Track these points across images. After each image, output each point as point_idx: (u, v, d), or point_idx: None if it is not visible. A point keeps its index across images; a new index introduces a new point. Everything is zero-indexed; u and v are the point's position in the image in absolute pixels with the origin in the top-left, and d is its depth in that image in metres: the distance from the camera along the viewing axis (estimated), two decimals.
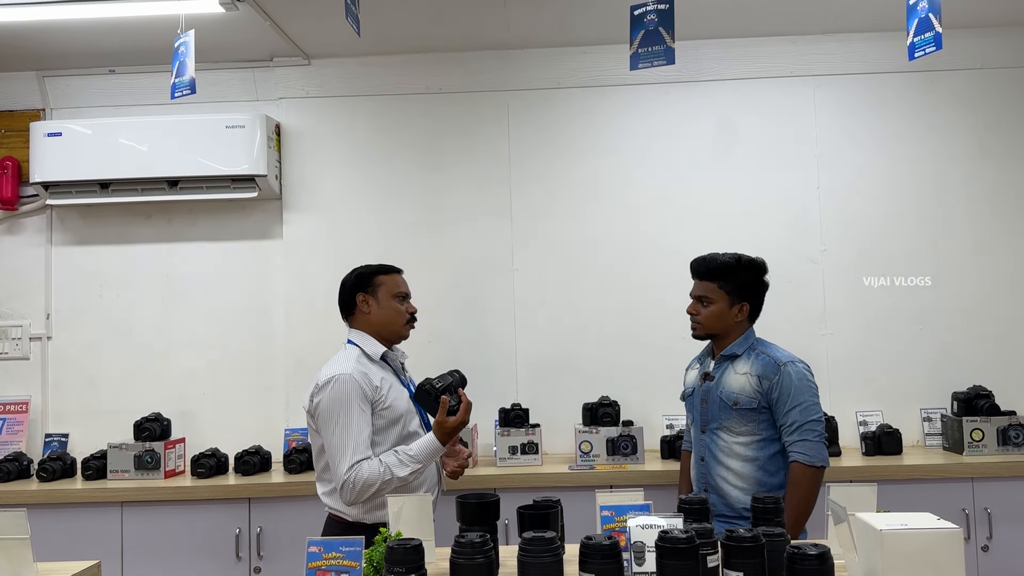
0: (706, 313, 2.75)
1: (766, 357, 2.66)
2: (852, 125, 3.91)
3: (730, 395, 2.65)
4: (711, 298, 2.74)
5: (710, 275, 2.75)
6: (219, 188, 3.85)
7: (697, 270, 2.80)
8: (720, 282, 2.73)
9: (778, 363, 2.62)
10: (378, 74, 4.00)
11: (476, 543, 1.72)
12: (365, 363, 2.59)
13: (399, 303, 2.71)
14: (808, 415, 2.58)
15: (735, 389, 2.65)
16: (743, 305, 2.73)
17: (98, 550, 3.26)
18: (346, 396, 2.49)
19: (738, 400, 2.63)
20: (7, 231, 4.09)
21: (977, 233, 3.86)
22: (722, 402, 2.67)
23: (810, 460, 2.55)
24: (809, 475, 2.55)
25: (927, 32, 2.25)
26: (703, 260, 2.80)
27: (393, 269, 2.77)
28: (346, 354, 2.62)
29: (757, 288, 2.77)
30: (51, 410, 4.02)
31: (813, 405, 2.60)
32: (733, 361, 2.72)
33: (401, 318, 2.71)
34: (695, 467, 2.77)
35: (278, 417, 3.92)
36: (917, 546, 1.61)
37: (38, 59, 3.95)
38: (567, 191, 3.96)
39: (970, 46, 3.84)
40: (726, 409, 2.66)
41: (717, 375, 2.73)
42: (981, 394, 3.55)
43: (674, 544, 1.64)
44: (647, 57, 2.60)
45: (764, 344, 2.75)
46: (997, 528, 3.28)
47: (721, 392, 2.68)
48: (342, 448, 2.46)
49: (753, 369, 2.65)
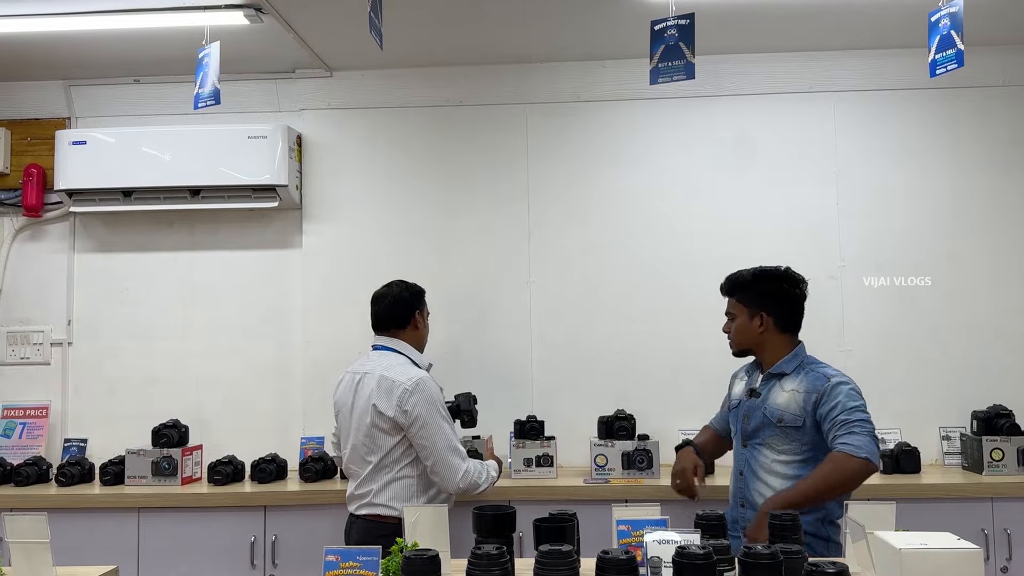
0: (733, 328, 2.82)
1: (815, 373, 2.64)
2: (871, 141, 3.90)
3: (775, 412, 2.63)
4: (734, 313, 2.82)
5: (729, 290, 2.84)
6: (240, 197, 3.88)
7: (721, 287, 2.88)
8: (739, 295, 2.80)
9: (828, 377, 2.61)
10: (399, 86, 4.03)
11: (493, 555, 1.72)
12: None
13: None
14: (854, 415, 2.51)
15: (780, 405, 2.63)
16: (762, 315, 2.74)
17: (115, 555, 3.26)
18: (435, 397, 2.84)
19: (783, 417, 2.61)
20: (31, 238, 4.14)
21: (997, 250, 3.83)
22: (766, 419, 2.65)
23: (855, 450, 2.44)
24: (850, 462, 2.44)
25: (949, 49, 2.25)
26: (729, 278, 2.87)
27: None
28: (400, 360, 2.94)
29: (779, 297, 2.75)
30: (71, 415, 4.05)
31: (862, 409, 2.54)
32: (781, 379, 2.69)
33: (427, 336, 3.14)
34: (733, 481, 2.79)
35: (295, 425, 3.93)
36: (936, 566, 1.59)
37: (64, 68, 4.00)
38: (585, 205, 3.97)
39: (992, 63, 3.82)
40: (770, 426, 2.64)
41: (764, 392, 2.71)
42: (1001, 413, 3.51)
43: (692, 560, 1.64)
44: (667, 72, 2.61)
45: (816, 362, 2.71)
46: (1017, 549, 3.24)
47: (766, 409, 2.66)
48: (451, 439, 2.82)
49: (801, 386, 2.62)
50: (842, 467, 2.46)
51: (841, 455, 2.46)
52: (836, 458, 2.47)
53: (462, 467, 2.81)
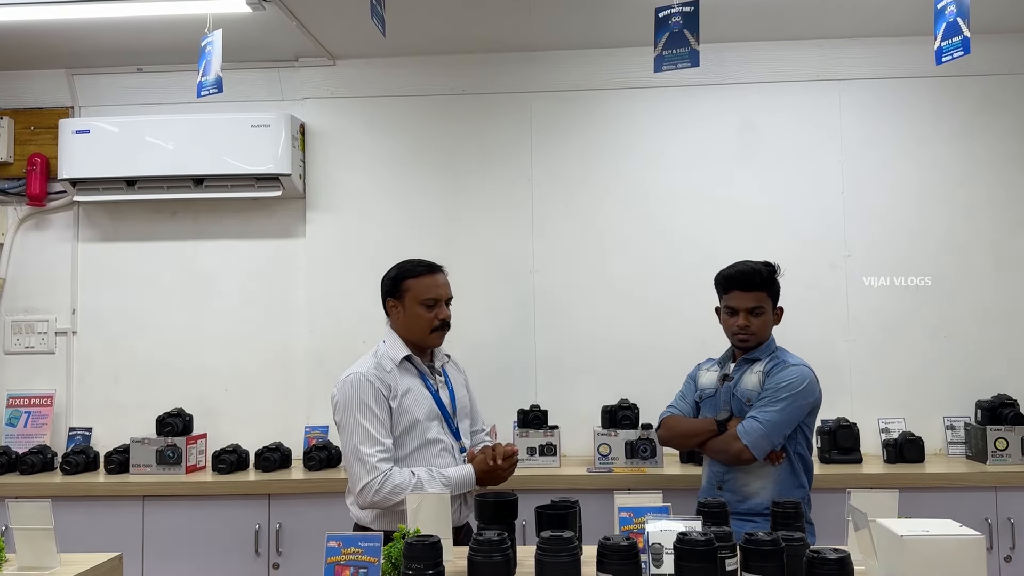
0: (759, 323, 2.76)
1: (777, 359, 2.75)
2: (877, 129, 3.88)
3: (744, 392, 2.73)
4: (764, 308, 2.77)
5: (763, 285, 2.77)
6: (244, 187, 3.88)
7: (748, 282, 2.77)
8: (768, 290, 2.78)
9: (786, 363, 2.71)
10: (402, 75, 4.02)
11: (494, 541, 1.73)
12: (387, 364, 2.58)
13: (426, 310, 2.61)
14: (772, 406, 2.62)
15: (749, 387, 2.73)
16: (779, 309, 2.82)
17: (119, 543, 3.27)
18: (357, 396, 2.49)
19: (751, 398, 2.70)
20: (35, 227, 4.15)
21: (1004, 239, 3.82)
22: (737, 400, 2.74)
23: (743, 435, 2.60)
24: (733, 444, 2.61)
25: (955, 36, 2.23)
26: (750, 271, 2.78)
27: (426, 271, 2.67)
28: (371, 352, 2.64)
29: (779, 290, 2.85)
30: (75, 404, 4.07)
31: (786, 406, 2.62)
32: (752, 364, 2.78)
33: (425, 326, 2.62)
34: (709, 465, 2.81)
35: (299, 414, 3.94)
36: (938, 553, 1.59)
37: (67, 57, 4.00)
38: (589, 193, 3.96)
39: (998, 51, 3.80)
40: (741, 407, 2.72)
41: (736, 376, 2.79)
42: (1006, 403, 3.50)
43: (692, 546, 1.64)
44: (671, 59, 2.60)
45: (783, 350, 2.82)
46: (1020, 539, 3.23)
47: (736, 390, 2.76)
48: (359, 446, 2.45)
49: (766, 367, 2.74)
50: (726, 446, 2.65)
51: (732, 435, 2.63)
52: (729, 435, 2.65)
53: (362, 480, 2.42)
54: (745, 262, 2.83)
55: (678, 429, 2.87)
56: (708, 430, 2.73)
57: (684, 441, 2.95)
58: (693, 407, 2.90)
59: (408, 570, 1.70)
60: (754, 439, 2.60)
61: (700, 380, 2.94)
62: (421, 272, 2.66)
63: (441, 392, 2.66)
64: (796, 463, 2.69)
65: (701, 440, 2.75)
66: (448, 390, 2.70)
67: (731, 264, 2.85)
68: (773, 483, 2.64)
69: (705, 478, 2.84)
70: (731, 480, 2.70)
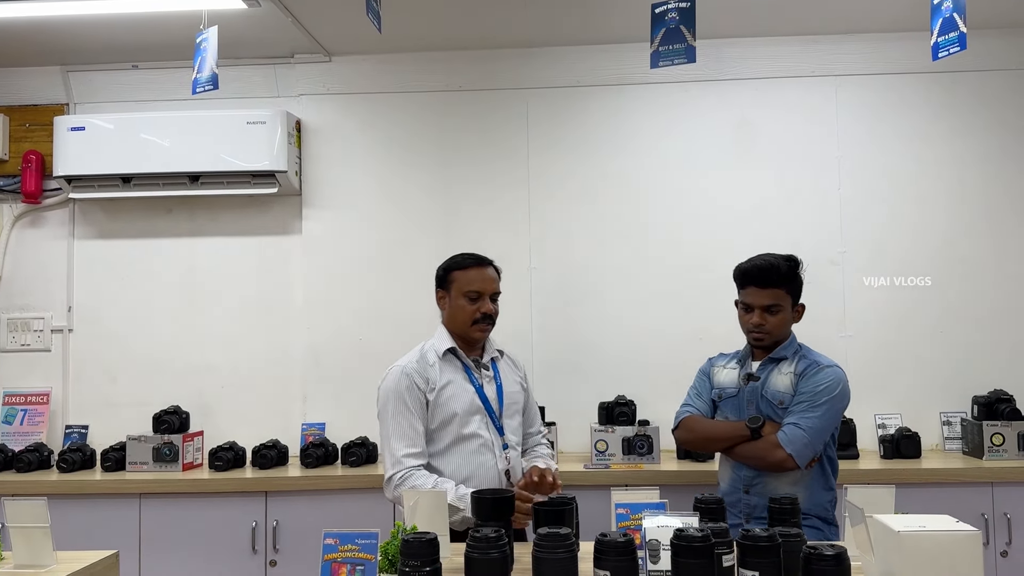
0: (775, 321, 2.64)
1: (808, 360, 2.63)
2: (874, 125, 3.88)
3: (776, 394, 2.60)
4: (780, 304, 2.64)
5: (780, 281, 2.63)
6: (240, 184, 3.87)
7: (764, 278, 2.64)
8: (788, 287, 2.64)
9: (820, 364, 2.61)
10: (398, 71, 4.01)
11: (491, 538, 1.73)
12: (430, 357, 2.60)
13: (468, 303, 2.60)
14: (813, 412, 2.52)
15: (781, 389, 2.60)
16: (800, 306, 2.71)
17: (116, 541, 3.27)
18: (393, 390, 2.54)
19: (784, 400, 2.58)
20: (30, 224, 4.14)
21: (999, 235, 3.82)
22: (768, 402, 2.61)
23: (786, 443, 2.48)
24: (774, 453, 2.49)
25: (951, 32, 2.23)
26: (768, 267, 2.64)
27: (474, 263, 2.66)
28: (419, 345, 2.67)
29: (801, 287, 2.72)
30: (71, 402, 4.06)
31: (827, 411, 2.52)
32: (779, 363, 2.66)
33: (467, 318, 2.60)
34: (734, 469, 2.68)
35: (296, 411, 3.94)
36: (935, 548, 1.59)
37: (62, 54, 3.99)
38: (585, 189, 3.96)
39: (995, 47, 3.80)
40: (772, 409, 2.60)
41: (763, 376, 2.66)
42: (1002, 398, 3.51)
43: (689, 543, 1.64)
44: (668, 55, 2.59)
45: (808, 349, 2.71)
46: (1017, 534, 3.24)
47: (767, 392, 2.62)
48: (390, 438, 2.51)
49: (796, 368, 2.62)
50: (765, 454, 2.53)
51: (773, 443, 2.51)
52: (768, 443, 2.53)
53: (387, 472, 2.49)
54: (765, 255, 2.68)
55: (702, 432, 2.72)
56: (740, 435, 2.59)
57: (709, 444, 2.81)
58: (710, 406, 2.77)
59: (405, 567, 1.70)
60: (798, 448, 2.48)
61: (717, 377, 2.80)
62: (468, 264, 2.67)
63: (486, 387, 2.64)
64: (826, 466, 2.61)
65: (730, 444, 2.62)
66: (496, 385, 2.67)
67: (751, 257, 2.71)
68: (804, 487, 2.54)
69: (727, 481, 2.71)
70: (760, 484, 2.58)
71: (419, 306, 3.92)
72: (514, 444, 2.66)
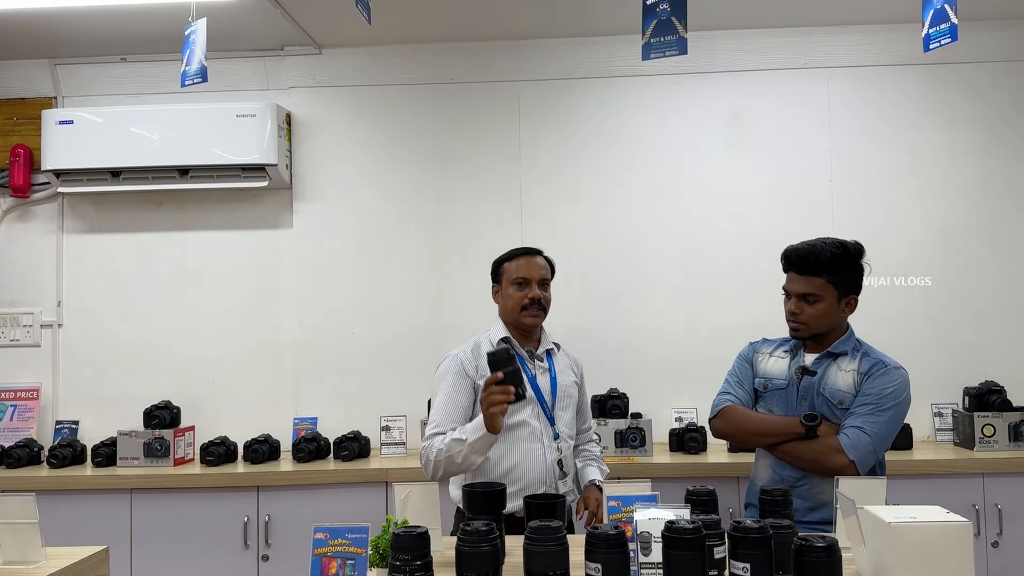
0: (813, 312, 2.46)
1: (872, 359, 2.46)
2: (866, 117, 3.88)
3: (835, 393, 2.44)
4: (819, 295, 2.45)
5: (818, 269, 2.45)
6: (230, 177, 3.85)
7: (800, 264, 2.48)
8: (829, 275, 2.45)
9: (887, 365, 2.44)
10: (389, 63, 3.99)
11: (482, 531, 1.72)
12: (485, 347, 2.64)
13: (516, 289, 2.69)
14: (879, 416, 2.36)
15: (841, 387, 2.44)
16: (852, 299, 2.50)
17: (107, 536, 3.27)
18: (444, 372, 2.62)
19: (844, 400, 2.42)
20: (19, 218, 4.11)
21: (991, 227, 3.83)
22: (826, 400, 2.45)
23: (849, 449, 2.32)
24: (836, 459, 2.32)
25: (943, 23, 2.22)
26: (807, 252, 2.48)
27: (521, 253, 2.76)
28: (476, 335, 2.74)
29: (861, 276, 2.52)
30: (61, 397, 4.04)
31: (893, 416, 2.37)
32: (837, 359, 2.49)
33: (516, 304, 2.67)
34: (775, 468, 2.51)
35: (287, 406, 3.92)
36: (926, 539, 1.59)
37: (50, 47, 3.95)
38: (578, 181, 3.95)
39: (986, 38, 3.80)
40: (830, 408, 2.44)
41: (820, 371, 2.48)
42: (993, 389, 3.52)
43: (680, 535, 1.63)
44: (659, 47, 2.57)
45: (870, 347, 2.53)
46: (1007, 524, 3.25)
47: (825, 390, 2.45)
48: (431, 419, 2.56)
49: (860, 367, 2.44)
50: (824, 457, 2.37)
51: (834, 447, 2.35)
52: (828, 446, 2.36)
53: (423, 446, 2.53)
54: (816, 240, 2.49)
55: (746, 425, 2.52)
56: (792, 432, 2.40)
57: (753, 439, 2.55)
58: (751, 395, 2.60)
59: (395, 561, 1.69)
60: (862, 455, 2.32)
61: (762, 366, 2.61)
62: (517, 254, 2.76)
63: (539, 378, 2.67)
64: (876, 471, 2.43)
65: (780, 441, 2.43)
66: (550, 377, 2.70)
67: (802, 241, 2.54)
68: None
69: (766, 479, 2.52)
70: (805, 487, 2.42)
71: (411, 299, 3.93)
72: (566, 436, 2.66)
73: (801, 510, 2.39)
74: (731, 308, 3.80)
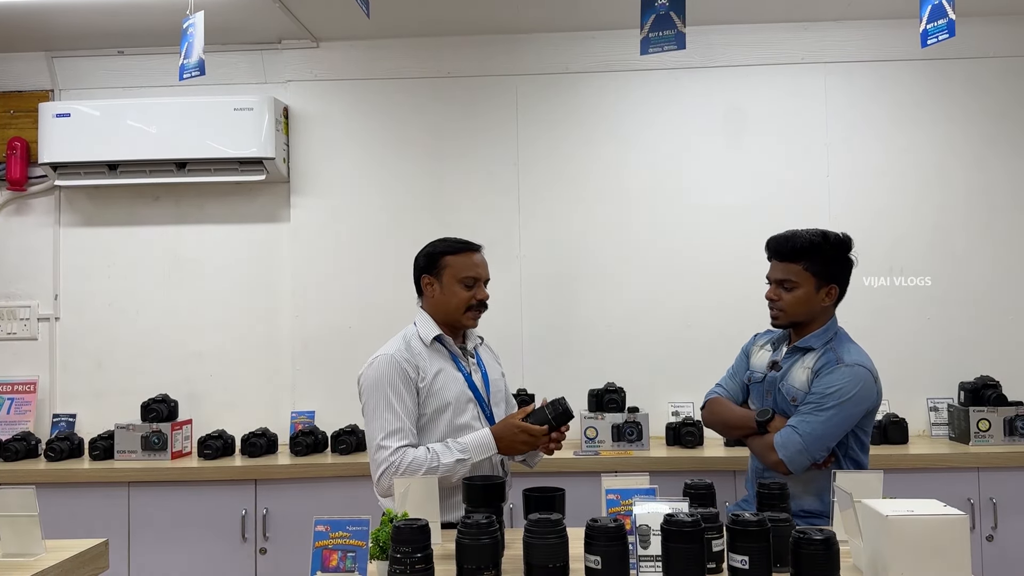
0: (790, 299, 2.49)
1: (832, 354, 2.45)
2: (863, 113, 3.88)
3: (791, 390, 2.47)
4: (796, 281, 2.48)
5: (794, 255, 2.48)
6: (227, 171, 3.84)
7: (778, 250, 2.53)
8: (805, 262, 2.48)
9: (840, 362, 2.42)
10: (387, 57, 3.99)
11: (482, 524, 1.73)
12: (416, 345, 2.50)
13: (463, 289, 2.52)
14: (816, 416, 2.36)
15: (796, 384, 2.47)
16: (831, 288, 2.51)
17: (105, 529, 3.28)
18: (382, 378, 2.41)
19: (797, 397, 2.45)
20: (16, 212, 4.10)
21: (988, 221, 3.84)
22: (782, 396, 2.49)
23: (779, 447, 2.36)
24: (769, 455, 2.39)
25: (940, 19, 2.23)
26: (785, 239, 2.52)
27: (466, 248, 2.58)
28: (401, 334, 2.55)
29: (845, 267, 2.53)
30: (59, 390, 4.04)
31: (832, 416, 2.35)
32: (805, 354, 2.51)
33: (461, 304, 2.52)
34: (752, 457, 2.62)
35: (285, 399, 3.93)
36: (922, 532, 1.61)
37: (47, 39, 3.94)
38: (575, 176, 3.95)
39: (983, 33, 3.81)
40: (785, 405, 2.47)
41: (785, 366, 2.52)
42: (988, 384, 3.54)
43: (679, 527, 1.64)
44: (658, 42, 2.57)
45: (841, 341, 2.51)
46: (1002, 518, 3.27)
47: (783, 385, 2.50)
48: (380, 431, 2.37)
49: (816, 364, 2.46)
50: (763, 453, 2.45)
51: (769, 443, 2.41)
52: (766, 443, 2.43)
53: (381, 465, 2.36)
54: (799, 229, 2.53)
55: (720, 416, 2.62)
56: (748, 427, 2.50)
57: (726, 431, 2.74)
58: (742, 388, 2.65)
59: (396, 553, 1.70)
60: (791, 454, 2.36)
61: (754, 359, 2.67)
62: (461, 249, 2.58)
63: (474, 375, 2.57)
64: (847, 467, 2.44)
65: (743, 434, 2.54)
66: (481, 373, 2.60)
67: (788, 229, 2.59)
68: (815, 488, 2.43)
69: (749, 467, 2.67)
70: (770, 479, 2.37)
71: (409, 293, 3.91)
72: None
73: None
74: (729, 302, 3.80)
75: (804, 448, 2.36)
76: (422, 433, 2.45)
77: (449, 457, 2.35)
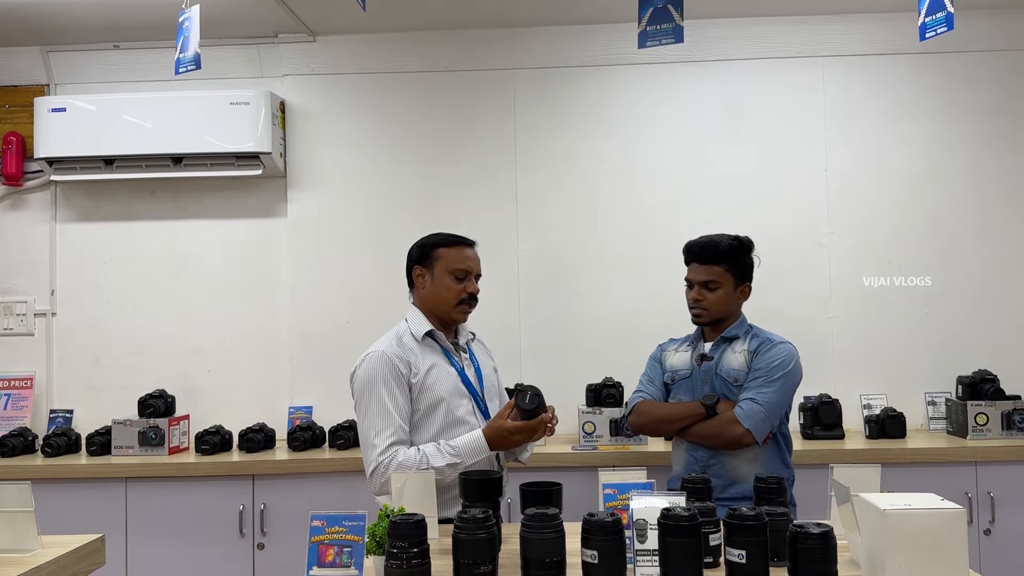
0: (714, 298, 2.69)
1: (760, 338, 2.69)
2: (861, 107, 3.88)
3: (730, 372, 2.64)
4: (719, 282, 2.69)
5: (717, 258, 2.69)
6: (223, 165, 3.84)
7: (701, 254, 2.72)
8: (726, 265, 2.69)
9: (773, 341, 2.66)
10: (383, 51, 3.97)
11: (479, 519, 1.72)
12: (408, 341, 2.48)
13: (454, 281, 2.51)
14: (768, 387, 2.56)
15: (735, 367, 2.64)
16: (746, 286, 2.74)
17: (102, 525, 3.23)
18: (374, 376, 2.39)
19: (738, 377, 2.62)
20: (11, 207, 4.09)
21: (985, 216, 3.84)
22: (723, 380, 2.64)
23: (743, 418, 2.52)
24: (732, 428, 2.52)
25: (939, 12, 2.22)
26: (707, 244, 2.73)
27: (459, 241, 2.58)
28: (392, 331, 2.52)
29: (752, 267, 2.77)
30: (56, 386, 4.03)
31: (782, 386, 2.57)
32: (732, 342, 2.71)
33: (452, 298, 2.50)
34: (689, 451, 2.68)
35: (282, 395, 3.92)
36: (920, 526, 1.60)
37: (42, 34, 3.92)
38: (573, 171, 3.94)
39: (982, 27, 3.80)
40: (727, 387, 2.63)
41: (716, 355, 2.69)
42: (986, 378, 3.54)
43: (676, 522, 1.64)
44: (655, 35, 2.57)
45: (759, 329, 2.76)
46: (1000, 512, 3.28)
47: (721, 371, 2.66)
48: (372, 430, 2.36)
49: (750, 346, 2.66)
50: (723, 430, 2.55)
51: (730, 418, 2.54)
52: (725, 419, 2.56)
53: (371, 463, 2.35)
54: (713, 234, 2.77)
55: (656, 414, 2.74)
56: (695, 414, 2.61)
57: (664, 427, 2.80)
58: (662, 390, 2.80)
59: (392, 548, 1.70)
60: (755, 423, 2.51)
61: (669, 361, 2.82)
62: (454, 242, 2.58)
63: (467, 370, 2.55)
64: (781, 443, 2.65)
65: (686, 425, 2.62)
66: (474, 368, 2.59)
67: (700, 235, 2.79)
68: (761, 465, 2.56)
69: (682, 463, 2.71)
70: (716, 465, 2.59)
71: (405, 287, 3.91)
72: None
73: (718, 487, 2.47)
74: None
75: (766, 416, 2.54)
76: (416, 429, 2.43)
77: (440, 460, 2.33)
